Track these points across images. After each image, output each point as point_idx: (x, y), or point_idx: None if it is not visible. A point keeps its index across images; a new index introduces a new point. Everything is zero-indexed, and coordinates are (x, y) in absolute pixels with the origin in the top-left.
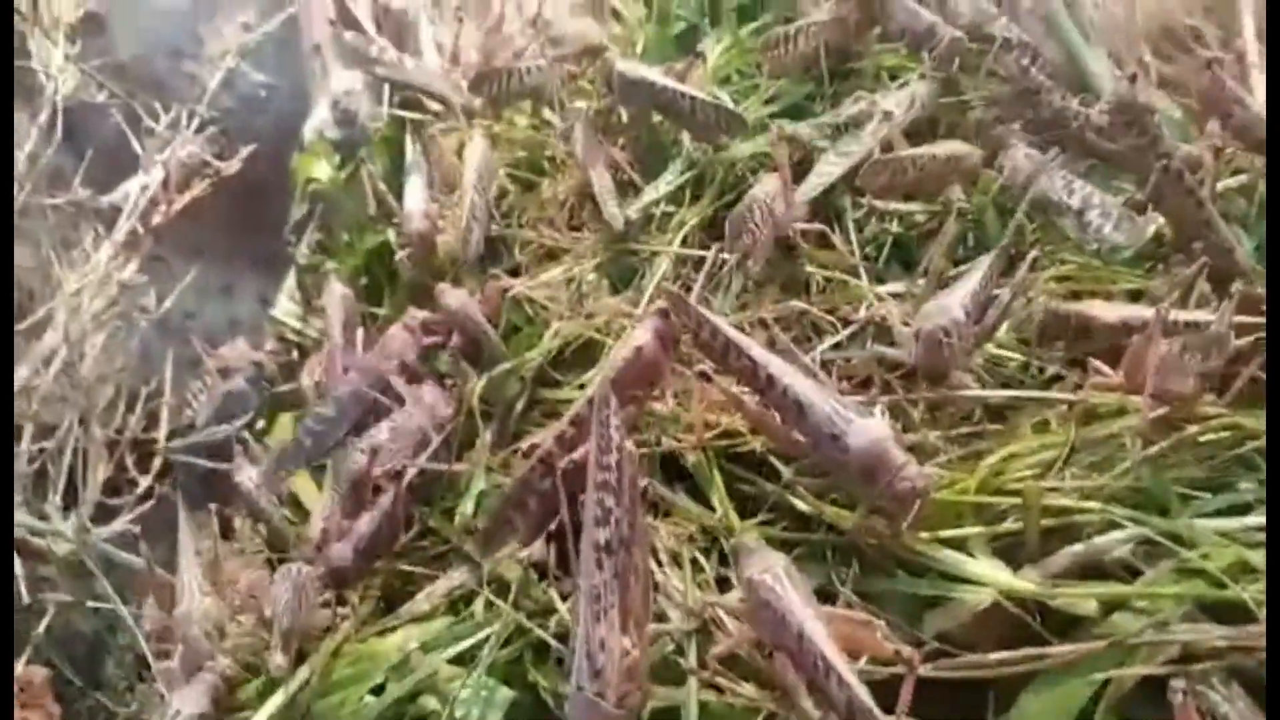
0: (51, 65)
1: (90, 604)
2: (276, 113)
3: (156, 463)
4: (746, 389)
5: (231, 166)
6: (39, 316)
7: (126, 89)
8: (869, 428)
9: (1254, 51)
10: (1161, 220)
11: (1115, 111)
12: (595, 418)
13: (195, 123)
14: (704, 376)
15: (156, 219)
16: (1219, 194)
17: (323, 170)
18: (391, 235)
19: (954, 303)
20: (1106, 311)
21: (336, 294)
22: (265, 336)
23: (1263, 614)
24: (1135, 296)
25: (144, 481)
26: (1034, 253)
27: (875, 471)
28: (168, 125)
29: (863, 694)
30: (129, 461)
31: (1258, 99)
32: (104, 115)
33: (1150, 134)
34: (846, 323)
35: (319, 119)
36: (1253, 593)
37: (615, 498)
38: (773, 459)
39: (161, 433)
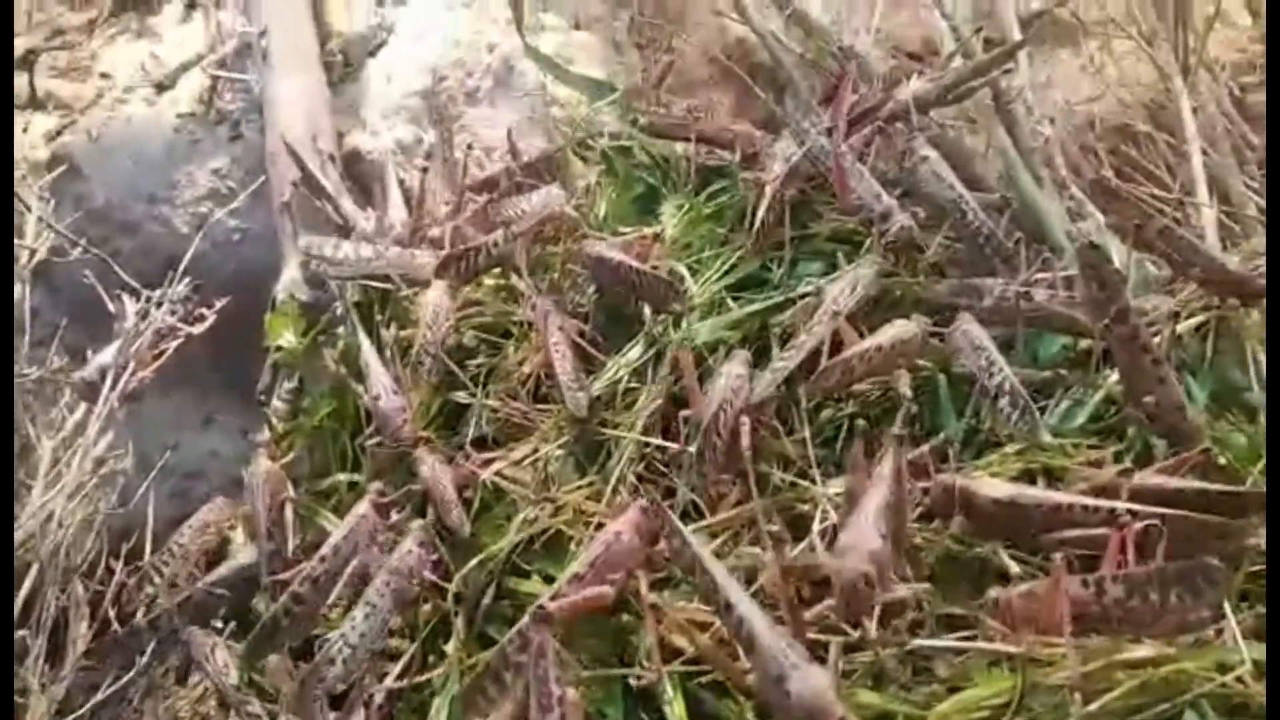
0: (26, 233)
1: None
2: (250, 255)
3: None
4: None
5: (202, 326)
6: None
7: (103, 235)
8: (811, 676)
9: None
10: (1113, 379)
11: (1080, 264)
12: (532, 672)
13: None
14: (654, 608)
15: (131, 385)
16: (1177, 337)
17: (288, 339)
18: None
19: (870, 529)
20: (993, 489)
21: (262, 468)
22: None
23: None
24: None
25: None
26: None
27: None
28: (144, 305)
29: None
30: (111, 614)
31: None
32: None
33: (1110, 286)
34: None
35: (289, 279)
36: None
37: None
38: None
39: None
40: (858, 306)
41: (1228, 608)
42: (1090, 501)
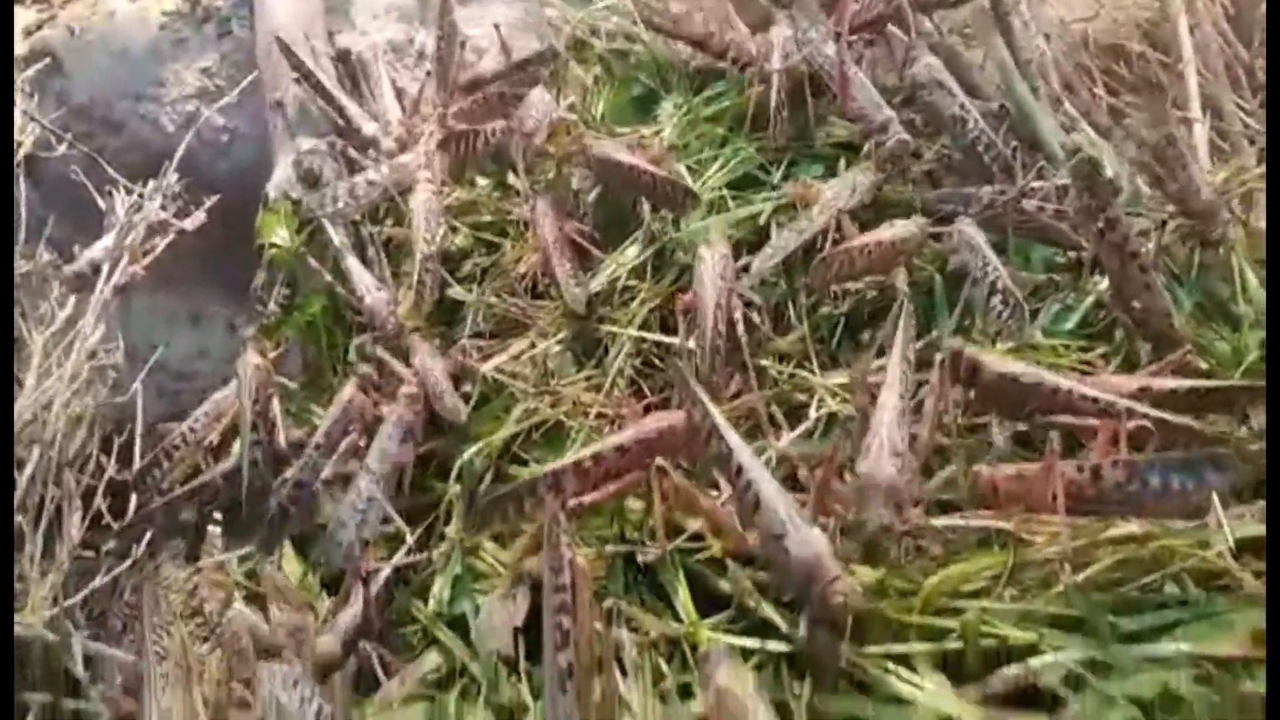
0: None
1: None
2: (239, 156)
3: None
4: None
5: (195, 221)
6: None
7: (86, 131)
8: (811, 538)
9: (1193, 79)
10: (1103, 286)
11: (1074, 176)
12: (547, 536)
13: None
14: (660, 470)
15: (121, 280)
16: (1163, 247)
17: (281, 236)
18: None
19: (885, 455)
20: (1000, 363)
21: (250, 363)
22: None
23: None
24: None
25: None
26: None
27: (810, 579)
28: (135, 200)
29: None
30: (103, 507)
31: (1200, 156)
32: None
33: (1101, 197)
34: (798, 413)
35: (281, 177)
36: None
37: (572, 619)
38: (731, 565)
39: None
40: (857, 207)
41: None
42: (1091, 391)
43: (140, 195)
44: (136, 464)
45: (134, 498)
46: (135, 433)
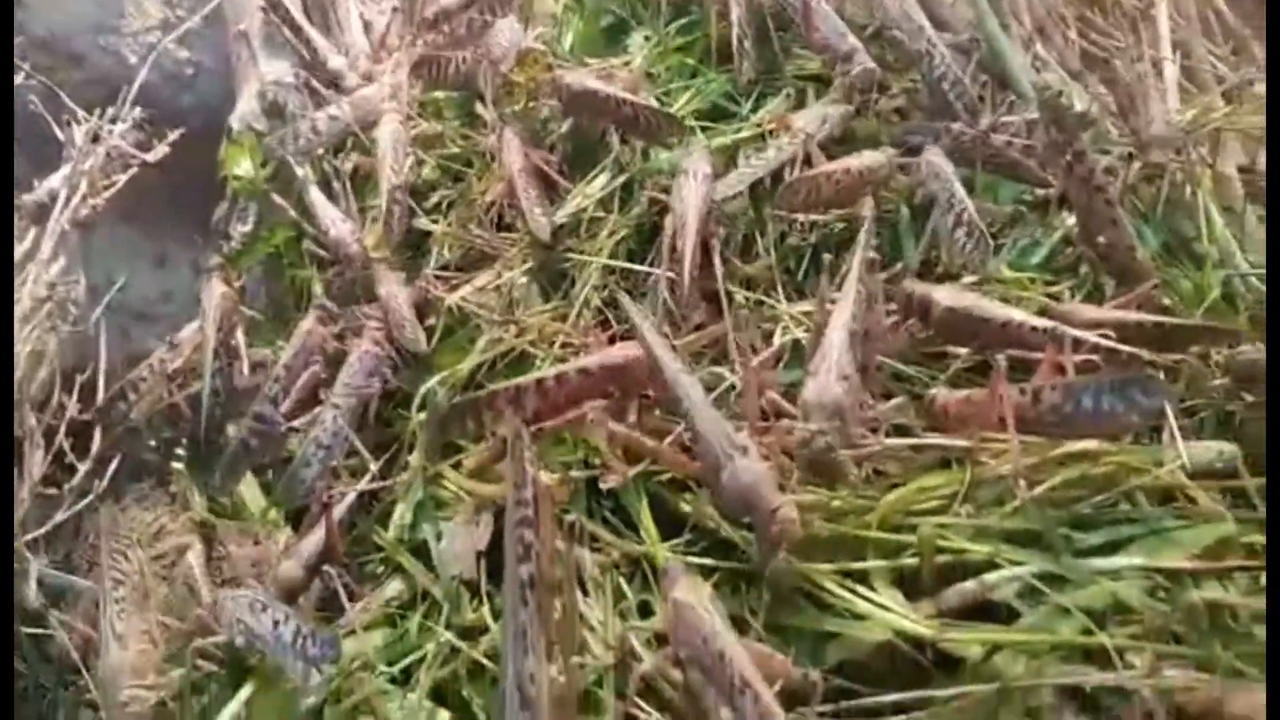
0: None
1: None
2: (203, 90)
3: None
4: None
5: (157, 154)
6: None
7: (46, 64)
8: (747, 469)
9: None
10: (1070, 222)
11: (1042, 110)
12: (510, 451)
13: (123, 112)
14: (594, 422)
15: (83, 213)
16: (1129, 186)
17: (245, 167)
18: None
19: (833, 378)
20: (950, 297)
21: (215, 292)
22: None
23: (1138, 659)
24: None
25: (83, 467)
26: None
27: (750, 508)
28: (94, 125)
29: (777, 711)
30: (65, 445)
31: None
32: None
33: (1069, 131)
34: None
35: (246, 109)
36: (1123, 636)
37: (534, 532)
38: (693, 485)
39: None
40: (827, 139)
41: (1168, 409)
42: (1040, 323)
43: (100, 120)
44: (100, 401)
45: (98, 432)
46: (99, 370)
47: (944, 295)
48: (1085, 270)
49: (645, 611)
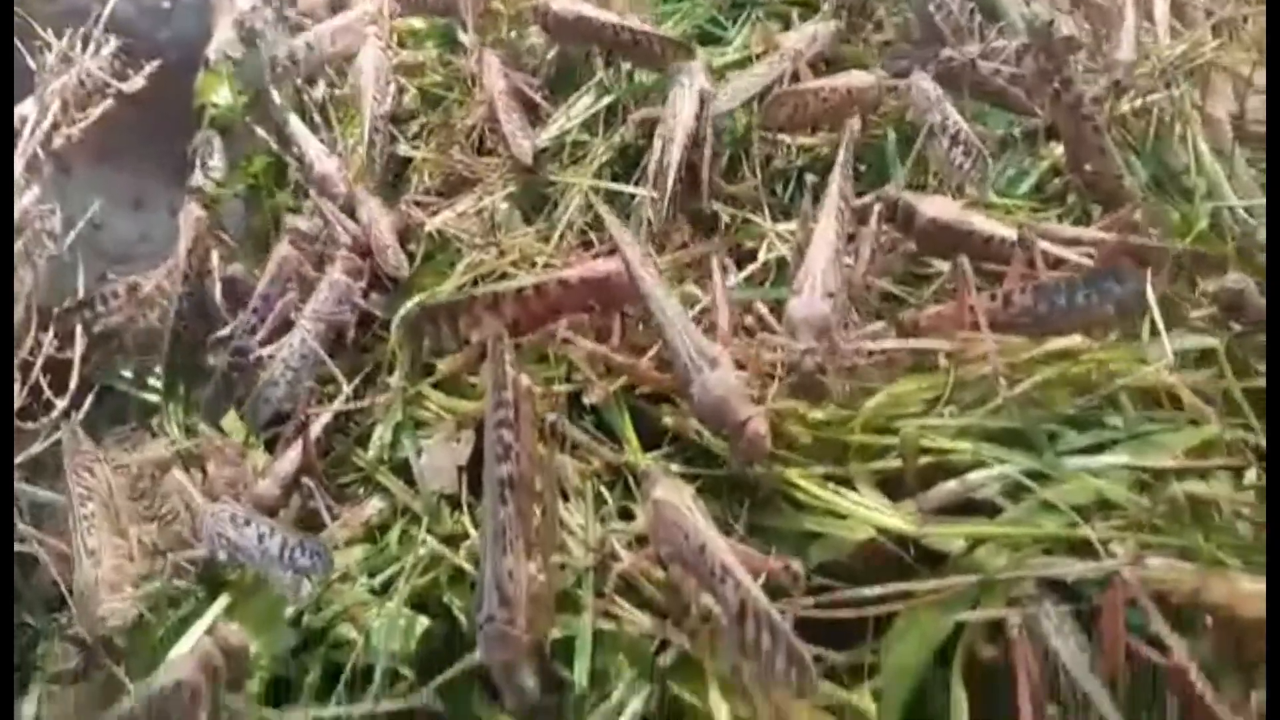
0: None
1: None
2: (180, 25)
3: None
4: None
5: (134, 85)
6: None
7: None
8: (718, 381)
9: None
10: (1059, 153)
11: (1030, 36)
12: (490, 353)
13: (95, 34)
14: (565, 341)
15: (58, 142)
16: (1120, 119)
17: (223, 95)
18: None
19: (818, 297)
20: (933, 207)
21: (191, 215)
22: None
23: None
24: None
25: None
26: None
27: (720, 421)
28: (66, 45)
29: (758, 593)
30: (44, 382)
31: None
32: None
33: (1057, 58)
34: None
35: (222, 39)
36: (1105, 529)
37: (514, 433)
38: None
39: (77, 353)
40: (817, 59)
41: (1152, 299)
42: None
43: (73, 38)
44: (79, 342)
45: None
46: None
47: (929, 206)
48: (1073, 200)
49: (626, 517)
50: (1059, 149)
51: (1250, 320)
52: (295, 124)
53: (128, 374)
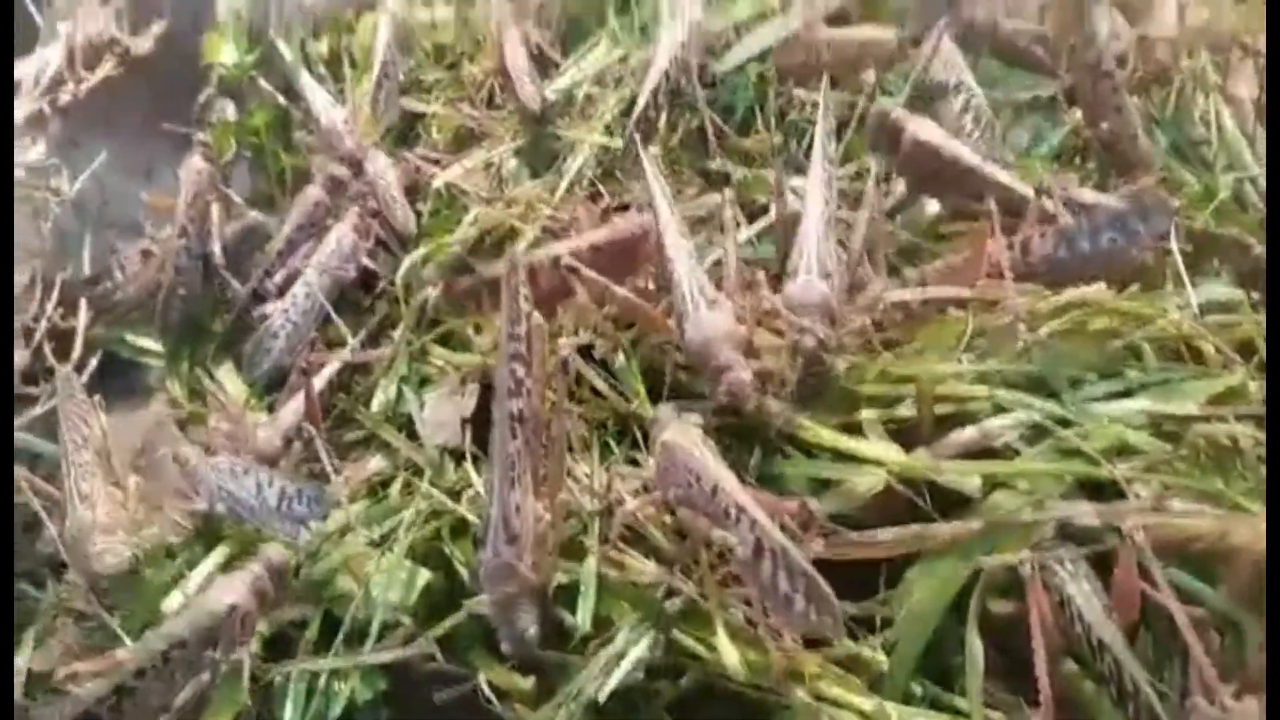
0: None
1: None
2: None
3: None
4: None
5: (142, 44)
6: None
7: None
8: (710, 320)
9: None
10: (1078, 116)
11: None
12: (506, 289)
13: None
14: (572, 270)
15: (64, 98)
16: (1143, 85)
17: (229, 54)
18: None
19: (815, 279)
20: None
21: (194, 167)
22: None
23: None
24: None
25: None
26: None
27: (703, 363)
28: None
29: (774, 530)
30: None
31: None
32: None
33: (1083, 18)
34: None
35: None
36: (1127, 469)
37: (526, 368)
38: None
39: (80, 321)
40: (835, 11)
41: (1174, 245)
42: (1006, 178)
43: None
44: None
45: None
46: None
47: (916, 126)
48: (1091, 166)
49: (633, 466)
50: (1078, 114)
51: None
52: (306, 79)
53: (132, 339)
